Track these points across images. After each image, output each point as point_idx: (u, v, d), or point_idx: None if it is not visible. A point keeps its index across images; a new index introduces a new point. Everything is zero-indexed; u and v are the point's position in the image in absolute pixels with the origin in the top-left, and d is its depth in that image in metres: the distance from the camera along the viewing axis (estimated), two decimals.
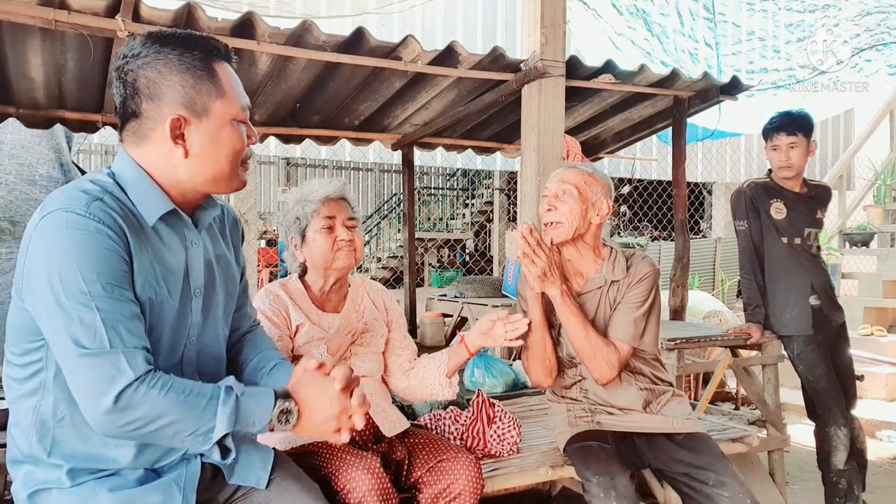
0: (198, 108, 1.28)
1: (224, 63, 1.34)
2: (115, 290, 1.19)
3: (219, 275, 1.44)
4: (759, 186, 3.17)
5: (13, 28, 2.73)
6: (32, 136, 4.39)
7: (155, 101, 1.27)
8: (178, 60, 1.27)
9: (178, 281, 1.33)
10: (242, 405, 1.23)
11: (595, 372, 1.98)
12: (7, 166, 4.34)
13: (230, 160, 1.32)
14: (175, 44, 1.28)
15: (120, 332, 1.18)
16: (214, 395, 1.22)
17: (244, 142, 1.35)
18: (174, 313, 1.32)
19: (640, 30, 5.27)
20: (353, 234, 1.95)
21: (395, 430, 1.93)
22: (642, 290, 2.00)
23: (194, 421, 1.20)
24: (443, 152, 6.70)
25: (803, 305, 3.09)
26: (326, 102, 3.86)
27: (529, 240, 1.90)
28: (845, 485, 3.00)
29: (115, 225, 1.21)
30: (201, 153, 1.29)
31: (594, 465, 1.89)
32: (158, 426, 1.18)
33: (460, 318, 5.11)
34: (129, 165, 1.30)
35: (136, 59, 1.27)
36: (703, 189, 12.67)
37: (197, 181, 1.32)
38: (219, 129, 1.30)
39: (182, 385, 1.21)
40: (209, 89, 1.29)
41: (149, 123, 1.28)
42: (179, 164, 1.29)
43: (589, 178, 2.02)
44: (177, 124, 1.27)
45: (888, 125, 7.71)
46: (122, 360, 1.16)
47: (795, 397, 3.81)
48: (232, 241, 1.53)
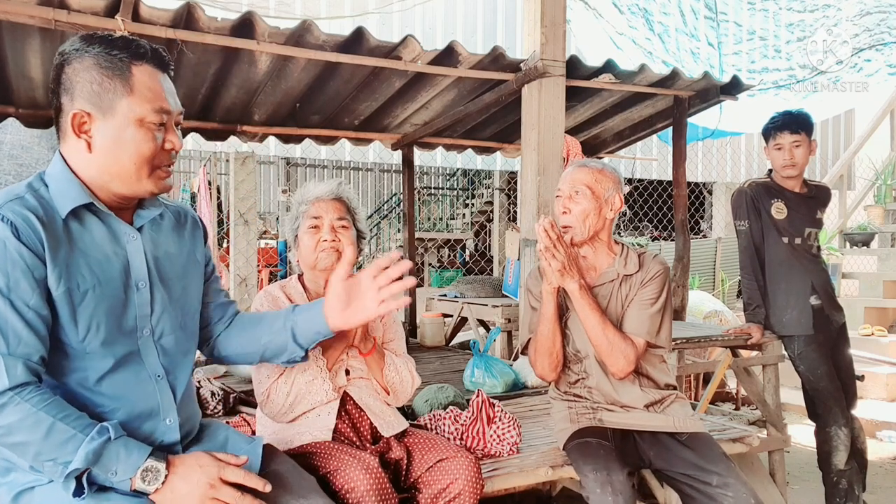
0: (104, 106, 1.31)
1: (148, 66, 1.35)
2: (11, 295, 1.22)
3: (169, 271, 1.46)
4: (760, 186, 3.17)
5: (13, 28, 2.73)
6: (31, 136, 4.40)
7: (69, 95, 1.31)
8: (93, 58, 1.31)
9: (112, 271, 1.35)
10: (109, 450, 1.22)
11: (612, 366, 2.00)
12: (6, 167, 4.35)
13: (134, 160, 1.33)
14: (98, 43, 1.32)
15: (7, 337, 1.21)
16: (85, 430, 1.21)
17: (154, 144, 1.35)
18: (110, 302, 1.33)
19: (641, 29, 5.27)
20: (338, 235, 1.94)
21: (392, 430, 1.92)
22: (655, 288, 2.04)
23: (55, 449, 1.20)
24: (443, 152, 6.70)
25: (804, 305, 3.09)
26: (326, 102, 3.86)
27: (551, 234, 1.93)
28: (846, 485, 3.00)
29: (25, 223, 1.25)
30: (103, 149, 1.32)
31: (592, 461, 1.89)
32: (20, 441, 1.19)
33: (460, 318, 5.10)
34: (57, 161, 1.36)
35: (61, 56, 1.32)
36: (703, 189, 12.67)
37: (104, 178, 1.34)
38: (122, 127, 1.32)
39: (56, 409, 1.21)
40: (116, 87, 1.31)
41: (66, 118, 1.33)
42: (85, 157, 1.33)
43: (599, 176, 2.06)
44: (77, 118, 1.31)
45: (888, 125, 7.70)
46: (0, 366, 1.19)
47: (795, 397, 3.80)
48: (191, 243, 1.56)
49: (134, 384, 1.37)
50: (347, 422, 1.88)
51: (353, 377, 1.93)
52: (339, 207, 1.98)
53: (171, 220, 1.52)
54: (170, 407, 1.41)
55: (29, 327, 1.23)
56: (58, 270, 1.27)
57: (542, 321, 2.05)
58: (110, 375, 1.34)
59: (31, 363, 1.22)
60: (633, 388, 2.06)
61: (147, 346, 1.40)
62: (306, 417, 1.86)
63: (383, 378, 1.93)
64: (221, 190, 8.04)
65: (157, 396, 1.39)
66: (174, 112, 1.38)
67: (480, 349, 3.13)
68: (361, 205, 2.09)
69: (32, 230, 1.25)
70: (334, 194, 2.00)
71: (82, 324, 1.30)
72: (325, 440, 1.81)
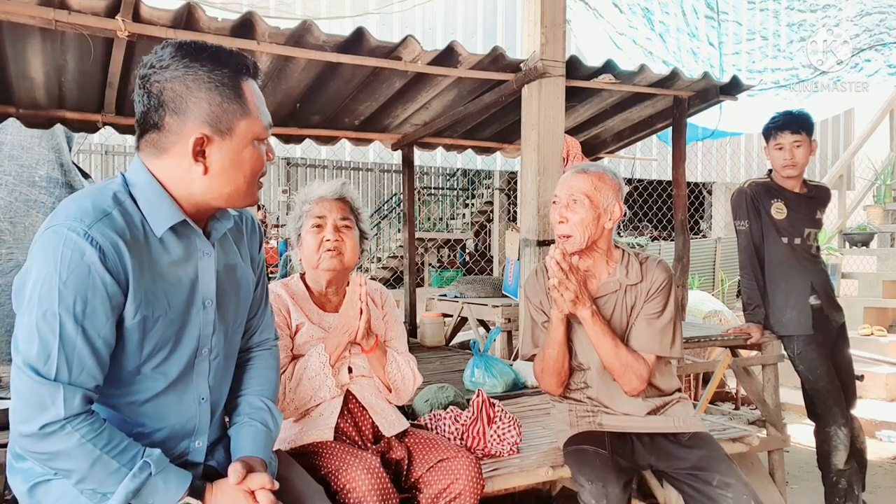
0: (222, 127, 1.26)
1: (251, 81, 1.32)
2: (85, 322, 1.18)
3: (232, 284, 1.43)
4: (760, 186, 3.17)
5: (13, 28, 2.73)
6: (32, 137, 4.39)
7: (180, 115, 1.24)
8: (207, 77, 1.25)
9: (181, 293, 1.31)
10: (149, 485, 1.22)
11: (626, 385, 1.97)
12: (7, 167, 4.35)
13: (248, 179, 1.31)
14: (205, 59, 1.25)
15: (72, 365, 1.17)
16: (129, 464, 1.21)
17: (264, 160, 1.33)
18: (176, 326, 1.30)
19: (641, 29, 5.27)
20: (342, 235, 1.94)
21: (394, 429, 1.93)
22: (661, 300, 1.99)
23: (98, 480, 1.20)
24: (443, 152, 6.70)
25: (803, 305, 3.09)
26: (326, 102, 3.86)
27: (563, 265, 1.87)
28: (845, 485, 3.00)
29: (113, 249, 1.20)
30: (221, 171, 1.28)
31: (587, 472, 1.88)
32: (66, 468, 1.19)
33: (460, 318, 5.11)
34: (144, 175, 1.28)
35: (164, 71, 1.24)
36: (703, 189, 12.67)
37: (212, 196, 1.30)
38: (241, 148, 1.28)
39: (105, 440, 1.20)
40: (235, 109, 1.27)
41: (171, 137, 1.26)
42: (197, 179, 1.27)
43: (599, 183, 1.97)
44: (200, 142, 1.25)
45: (888, 125, 7.70)
46: (59, 394, 1.16)
47: (795, 397, 3.80)
48: (249, 248, 1.52)
49: (177, 405, 1.35)
50: (350, 420, 1.89)
51: (356, 375, 1.93)
52: (342, 207, 1.98)
53: (233, 227, 1.47)
54: (204, 429, 1.40)
55: (95, 357, 1.20)
56: (138, 299, 1.23)
57: (550, 344, 2.00)
58: (157, 398, 1.32)
59: (89, 392, 1.20)
60: (635, 400, 2.03)
61: (202, 365, 1.37)
62: (309, 416, 1.87)
63: (385, 375, 1.94)
64: None
65: (197, 418, 1.38)
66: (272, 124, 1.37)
67: (480, 349, 3.13)
68: (361, 205, 2.09)
69: (119, 257, 1.20)
70: (338, 194, 2.00)
71: (147, 349, 1.27)
72: (327, 439, 1.82)
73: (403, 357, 1.99)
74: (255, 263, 1.53)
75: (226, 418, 1.53)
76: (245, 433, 1.45)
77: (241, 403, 1.51)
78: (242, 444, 1.43)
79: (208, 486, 1.31)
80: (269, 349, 1.61)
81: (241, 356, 1.56)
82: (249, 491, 1.31)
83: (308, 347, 1.90)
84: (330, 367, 1.85)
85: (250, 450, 1.41)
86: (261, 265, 1.56)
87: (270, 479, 1.33)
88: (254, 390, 1.53)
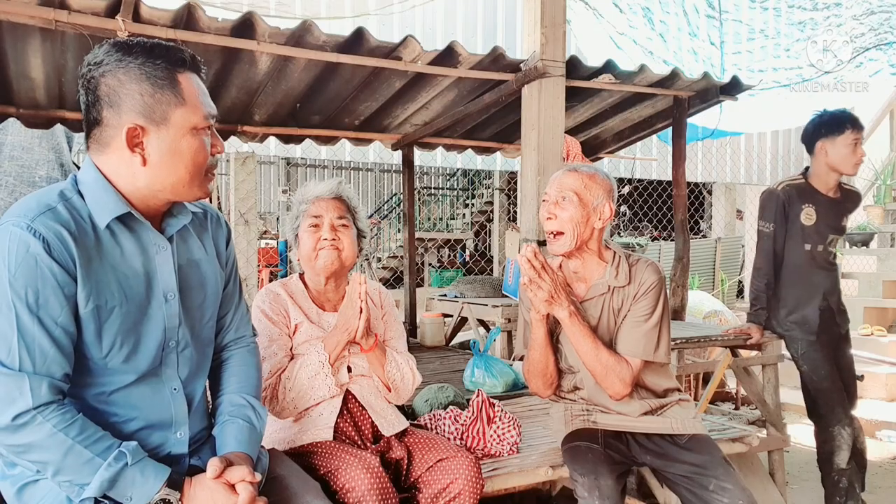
0: (156, 118, 1.28)
1: (189, 73, 1.34)
2: (40, 311, 1.21)
3: (197, 278, 1.45)
4: (793, 189, 3.08)
5: (13, 28, 2.73)
6: (32, 137, 4.39)
7: (115, 108, 1.27)
8: (138, 69, 1.27)
9: (137, 285, 1.33)
10: (125, 476, 1.22)
11: (608, 389, 1.94)
12: (7, 168, 4.35)
13: (190, 169, 1.33)
14: (138, 53, 1.28)
15: (34, 355, 1.20)
16: (104, 454, 1.21)
17: (207, 151, 1.35)
18: (134, 317, 1.32)
19: (642, 28, 5.27)
20: (338, 234, 1.94)
21: (393, 429, 1.93)
22: (649, 303, 1.95)
23: (73, 471, 1.20)
24: (443, 152, 6.70)
25: (812, 308, 3.07)
26: (326, 102, 3.86)
27: (535, 263, 1.84)
28: (846, 484, 3.00)
29: (58, 239, 1.22)
30: (160, 162, 1.30)
31: (580, 465, 1.88)
32: (40, 460, 1.20)
33: (460, 318, 5.10)
34: (91, 171, 1.32)
35: (98, 67, 1.28)
36: (703, 189, 12.67)
37: (156, 188, 1.33)
38: (178, 138, 1.30)
39: (77, 430, 1.21)
40: (169, 98, 1.29)
41: (109, 131, 1.29)
42: (139, 171, 1.30)
43: (589, 182, 1.95)
44: (133, 133, 1.28)
45: (888, 125, 7.70)
46: (25, 384, 1.18)
47: (795, 397, 3.80)
48: (215, 243, 1.53)
49: (150, 396, 1.36)
50: (349, 420, 1.89)
51: (355, 374, 1.93)
52: (339, 206, 1.98)
53: (196, 222, 1.49)
54: (182, 420, 1.40)
55: (56, 345, 1.22)
56: (88, 288, 1.25)
57: (532, 346, 1.99)
58: (128, 388, 1.33)
59: (56, 381, 1.22)
60: (630, 401, 2.01)
61: (170, 357, 1.39)
62: (309, 416, 1.87)
63: (385, 375, 1.94)
64: (221, 190, 8.05)
65: (172, 409, 1.39)
66: (215, 115, 1.38)
67: (480, 349, 3.13)
68: (361, 204, 2.10)
69: (64, 246, 1.23)
70: (334, 193, 2.00)
71: (106, 340, 1.29)
72: (326, 439, 1.82)
73: (403, 356, 1.99)
74: (223, 259, 1.55)
75: (212, 420, 1.54)
76: (227, 431, 1.46)
77: (222, 402, 1.53)
78: (226, 442, 1.44)
79: (187, 479, 1.31)
80: (247, 346, 1.63)
81: (219, 355, 1.58)
82: (229, 484, 1.31)
83: (307, 347, 1.90)
84: (329, 366, 1.85)
85: (233, 446, 1.42)
86: (230, 260, 1.58)
87: (251, 472, 1.34)
88: (234, 388, 1.55)
